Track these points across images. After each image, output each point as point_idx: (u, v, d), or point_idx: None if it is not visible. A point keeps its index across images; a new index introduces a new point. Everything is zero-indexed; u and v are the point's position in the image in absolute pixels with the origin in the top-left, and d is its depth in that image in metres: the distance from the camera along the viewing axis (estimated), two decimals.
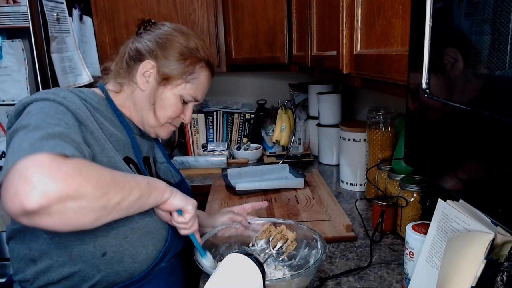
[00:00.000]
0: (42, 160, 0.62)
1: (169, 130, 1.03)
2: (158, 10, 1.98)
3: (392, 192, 1.20)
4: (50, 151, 0.64)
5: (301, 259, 0.97)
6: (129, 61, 0.98)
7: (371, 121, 1.38)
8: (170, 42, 0.96)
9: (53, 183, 0.60)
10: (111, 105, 0.97)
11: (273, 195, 1.55)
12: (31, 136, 0.67)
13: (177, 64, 0.96)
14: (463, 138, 0.38)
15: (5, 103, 1.56)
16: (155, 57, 0.95)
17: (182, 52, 0.96)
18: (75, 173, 0.63)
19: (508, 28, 0.31)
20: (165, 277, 0.97)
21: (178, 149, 2.26)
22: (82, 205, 0.64)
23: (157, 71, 0.95)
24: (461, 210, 0.65)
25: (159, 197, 0.81)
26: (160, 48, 0.96)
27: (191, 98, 1.00)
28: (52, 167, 0.62)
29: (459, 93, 0.40)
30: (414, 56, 0.47)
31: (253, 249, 1.02)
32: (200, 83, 1.00)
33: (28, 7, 1.47)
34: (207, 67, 1.01)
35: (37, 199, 0.59)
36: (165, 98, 0.97)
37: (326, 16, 1.11)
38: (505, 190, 0.33)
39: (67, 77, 1.64)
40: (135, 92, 0.98)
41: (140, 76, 0.96)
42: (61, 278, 0.85)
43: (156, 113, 0.98)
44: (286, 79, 2.34)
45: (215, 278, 0.65)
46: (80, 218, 0.65)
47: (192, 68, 0.98)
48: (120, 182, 0.72)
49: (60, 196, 0.61)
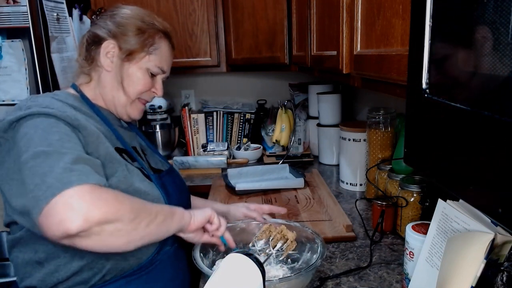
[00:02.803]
0: (85, 190, 0.70)
1: (140, 107, 1.05)
2: (158, 10, 1.98)
3: (392, 192, 1.20)
4: (84, 181, 0.71)
5: (303, 262, 0.97)
6: (89, 47, 1.00)
7: (371, 121, 1.38)
8: (125, 19, 0.99)
9: (97, 209, 0.69)
10: (86, 101, 0.99)
11: (273, 195, 1.55)
12: (51, 166, 0.72)
13: (137, 38, 0.98)
14: (463, 138, 0.38)
15: (5, 103, 1.56)
16: (114, 36, 0.98)
17: (139, 27, 0.99)
18: (113, 200, 0.73)
19: (508, 28, 0.31)
20: (171, 262, 0.99)
21: (178, 149, 2.26)
22: (117, 227, 0.73)
23: (118, 48, 0.98)
24: (461, 210, 0.65)
25: (181, 219, 0.87)
26: (117, 27, 0.98)
27: (157, 69, 1.02)
28: (94, 195, 0.71)
29: (459, 93, 0.40)
30: (414, 56, 0.47)
31: (253, 249, 1.02)
32: (163, 53, 1.03)
33: (28, 7, 1.47)
34: (166, 37, 1.04)
35: (81, 224, 0.67)
36: (132, 73, 0.99)
37: (326, 16, 1.11)
38: (505, 190, 0.33)
39: (67, 77, 1.64)
40: (102, 75, 1.00)
41: (103, 58, 0.98)
42: (71, 275, 0.85)
43: (125, 90, 1.00)
44: (286, 79, 2.34)
45: (215, 278, 0.65)
46: (114, 240, 0.74)
47: (152, 40, 1.00)
48: (148, 207, 0.81)
49: (100, 220, 0.69)
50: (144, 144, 1.14)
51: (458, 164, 0.40)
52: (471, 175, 0.38)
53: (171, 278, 0.99)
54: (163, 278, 0.97)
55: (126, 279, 0.90)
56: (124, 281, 0.90)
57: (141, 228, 0.77)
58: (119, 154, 0.92)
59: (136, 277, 0.91)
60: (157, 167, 1.09)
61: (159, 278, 0.96)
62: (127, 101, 1.01)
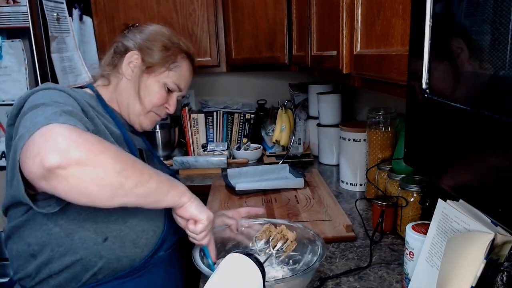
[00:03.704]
0: (64, 127, 0.66)
1: (153, 119, 1.09)
2: (158, 10, 1.98)
3: (392, 192, 1.20)
4: (70, 122, 0.68)
5: (305, 264, 0.96)
6: (115, 55, 1.06)
7: (371, 121, 1.38)
8: (153, 36, 1.05)
9: (75, 145, 0.64)
10: (101, 102, 1.02)
11: (273, 195, 1.55)
12: (45, 112, 0.71)
13: (160, 54, 1.03)
14: (463, 138, 0.38)
15: (5, 103, 1.56)
16: (140, 48, 1.03)
17: (165, 44, 1.04)
18: (95, 141, 0.68)
19: (508, 28, 0.31)
20: (165, 267, 0.99)
21: (178, 149, 2.26)
22: (99, 175, 0.66)
23: (141, 60, 1.03)
24: (461, 210, 0.65)
25: (177, 197, 0.80)
26: (144, 41, 1.04)
27: (174, 86, 1.06)
28: (74, 132, 0.66)
29: (459, 93, 0.40)
30: (414, 56, 0.47)
31: (253, 249, 1.02)
32: (182, 72, 1.07)
33: (28, 7, 1.47)
34: (188, 58, 1.09)
35: (58, 158, 0.62)
36: (149, 85, 1.04)
37: (326, 16, 1.11)
38: (505, 190, 0.33)
39: (67, 77, 1.64)
40: (121, 82, 1.04)
41: (125, 66, 1.03)
42: (63, 268, 0.86)
43: (141, 100, 1.03)
44: (286, 79, 2.34)
45: (215, 278, 0.65)
46: (96, 189, 0.67)
47: (174, 58, 1.05)
48: (139, 165, 0.74)
49: (79, 158, 0.64)
50: (148, 150, 1.16)
51: (458, 164, 0.40)
52: (471, 175, 0.38)
53: (164, 283, 1.00)
54: (155, 283, 0.97)
55: (119, 281, 0.90)
56: (117, 282, 0.90)
57: (128, 186, 0.70)
58: None
59: (129, 279, 0.92)
60: None
61: (151, 283, 0.96)
62: (141, 111, 1.05)
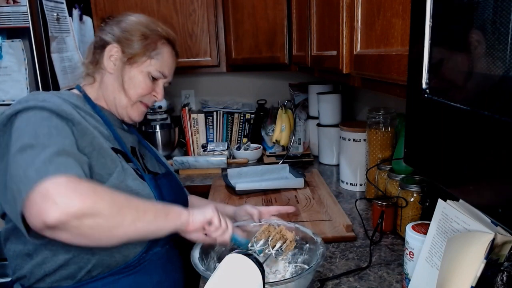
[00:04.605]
0: (60, 182, 0.70)
1: (141, 110, 1.07)
2: (158, 10, 1.98)
3: (392, 192, 1.20)
4: (62, 172, 0.71)
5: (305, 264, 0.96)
6: (95, 51, 1.04)
7: (371, 121, 1.38)
8: (130, 26, 1.03)
9: (71, 200, 0.68)
10: (88, 101, 1.01)
11: (273, 195, 1.55)
12: (34, 159, 0.73)
13: (140, 43, 1.01)
14: (463, 138, 0.38)
15: (5, 103, 1.56)
16: (118, 41, 1.02)
17: (143, 32, 1.02)
18: (90, 192, 0.71)
19: (508, 28, 0.31)
20: (162, 264, 0.99)
21: (178, 149, 2.26)
22: (97, 222, 0.71)
23: (122, 52, 1.01)
24: (461, 210, 0.65)
25: (177, 219, 0.83)
26: (122, 32, 1.02)
27: (158, 74, 1.05)
28: (69, 187, 0.70)
29: (459, 93, 0.40)
30: (414, 56, 0.47)
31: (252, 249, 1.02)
32: (165, 58, 1.05)
33: (28, 7, 1.47)
34: (169, 43, 1.07)
35: (57, 216, 0.67)
36: (133, 76, 1.02)
37: (326, 16, 1.11)
38: (505, 190, 0.33)
39: (67, 77, 1.64)
40: (105, 78, 1.03)
41: (107, 61, 1.02)
42: (57, 267, 0.87)
43: (126, 92, 1.03)
44: (286, 79, 2.34)
45: (215, 278, 0.65)
46: (96, 234, 0.73)
47: (154, 45, 1.03)
48: (134, 203, 0.78)
49: (76, 213, 0.68)
50: (144, 147, 1.15)
51: (458, 164, 0.40)
52: (471, 175, 0.38)
53: (161, 280, 0.99)
54: (151, 279, 0.96)
55: (113, 277, 0.90)
56: (111, 278, 0.90)
57: (125, 224, 0.74)
58: (115, 153, 0.93)
59: (123, 276, 0.92)
60: (154, 170, 1.10)
61: (148, 279, 0.96)
62: (128, 103, 1.04)
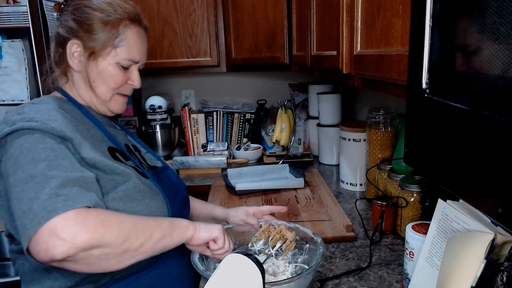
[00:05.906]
0: (69, 217, 0.69)
1: (121, 101, 1.01)
2: (158, 10, 1.98)
3: (392, 192, 1.20)
4: (70, 207, 0.70)
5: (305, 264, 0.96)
6: (58, 48, 0.96)
7: (371, 121, 1.38)
8: (85, 14, 0.93)
9: (80, 236, 0.69)
10: (74, 103, 0.96)
11: (273, 195, 1.55)
12: (37, 193, 0.71)
13: (100, 34, 0.92)
14: (463, 138, 0.38)
15: (5, 103, 1.56)
16: (77, 36, 0.92)
17: (100, 19, 0.92)
18: (98, 225, 0.71)
19: (508, 28, 0.31)
20: (178, 258, 0.98)
21: (178, 149, 2.26)
22: (105, 251, 0.72)
23: (83, 47, 0.93)
24: (461, 210, 0.65)
25: (182, 235, 0.83)
26: (77, 24, 0.92)
27: (128, 62, 0.96)
28: (78, 222, 0.70)
29: (459, 93, 0.40)
30: (414, 56, 0.47)
31: (252, 249, 1.02)
32: (131, 42, 0.95)
33: (28, 7, 1.48)
34: (132, 23, 0.96)
35: (65, 250, 0.68)
36: (102, 70, 0.94)
37: (326, 16, 1.11)
38: (505, 190, 0.33)
39: None
40: (74, 76, 0.96)
41: (71, 59, 0.94)
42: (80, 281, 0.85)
43: (100, 89, 0.95)
44: (286, 79, 2.34)
45: (215, 278, 0.65)
46: (104, 263, 0.74)
47: (116, 31, 0.93)
48: (140, 226, 0.78)
49: (85, 245, 0.69)
50: (135, 143, 1.12)
51: (458, 164, 0.40)
52: (471, 175, 0.38)
53: (179, 274, 0.99)
54: (170, 273, 0.97)
55: (135, 276, 0.90)
56: (132, 278, 0.90)
57: (132, 249, 0.75)
58: (113, 154, 0.91)
59: (145, 273, 0.91)
60: (153, 165, 1.08)
61: (167, 273, 0.96)
62: (104, 98, 0.97)
